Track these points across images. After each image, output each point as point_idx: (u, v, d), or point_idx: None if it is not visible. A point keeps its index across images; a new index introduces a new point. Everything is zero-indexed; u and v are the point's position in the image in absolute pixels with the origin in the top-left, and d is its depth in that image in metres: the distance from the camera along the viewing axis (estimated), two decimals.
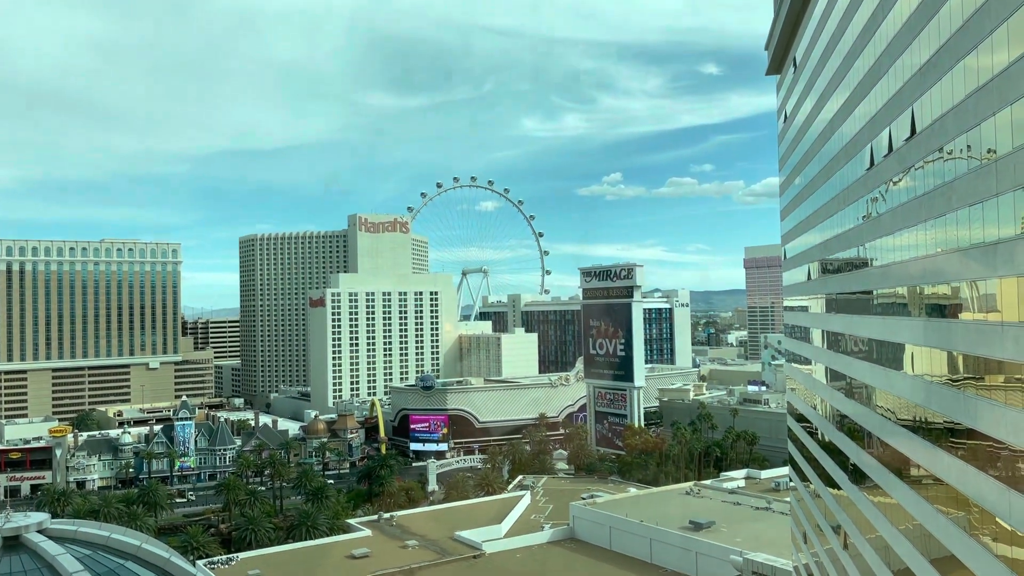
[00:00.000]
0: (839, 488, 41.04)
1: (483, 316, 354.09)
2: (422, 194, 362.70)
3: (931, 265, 25.87)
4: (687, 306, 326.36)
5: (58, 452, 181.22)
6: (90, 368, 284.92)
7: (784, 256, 60.78)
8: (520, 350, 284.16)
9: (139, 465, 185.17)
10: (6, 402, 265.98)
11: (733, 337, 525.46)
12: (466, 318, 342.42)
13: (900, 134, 29.08)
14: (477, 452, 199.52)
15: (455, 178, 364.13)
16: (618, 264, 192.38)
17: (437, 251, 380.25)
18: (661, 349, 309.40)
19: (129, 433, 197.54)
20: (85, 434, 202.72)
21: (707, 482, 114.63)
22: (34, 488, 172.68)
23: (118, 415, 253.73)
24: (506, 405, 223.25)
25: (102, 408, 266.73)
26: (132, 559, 57.84)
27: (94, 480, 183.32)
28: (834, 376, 43.28)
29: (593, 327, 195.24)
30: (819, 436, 47.34)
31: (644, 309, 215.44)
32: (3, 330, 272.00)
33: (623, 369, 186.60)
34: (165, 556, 60.45)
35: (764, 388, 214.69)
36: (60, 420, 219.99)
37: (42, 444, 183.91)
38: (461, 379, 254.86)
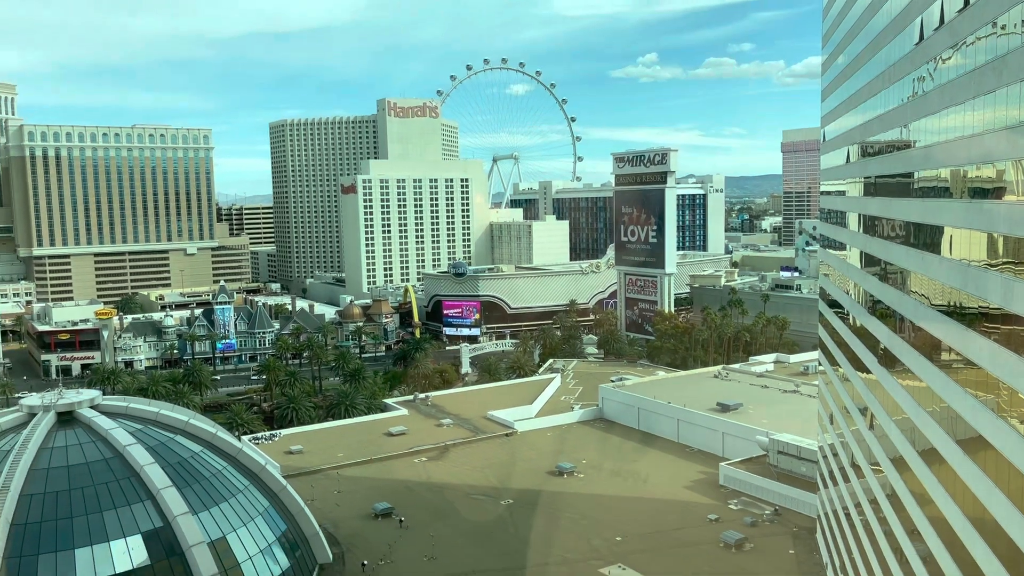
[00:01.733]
0: (868, 372, 41.34)
1: (514, 203, 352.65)
2: (451, 77, 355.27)
3: (977, 145, 25.03)
4: (721, 192, 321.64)
5: (105, 333, 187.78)
6: (130, 253, 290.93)
7: (823, 139, 59.14)
8: (551, 237, 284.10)
9: (182, 346, 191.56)
10: (52, 286, 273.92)
11: (767, 223, 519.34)
12: (497, 205, 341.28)
13: (953, 6, 27.58)
14: (508, 337, 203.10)
15: (485, 60, 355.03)
16: (652, 149, 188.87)
17: (467, 137, 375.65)
18: (693, 235, 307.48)
19: (171, 316, 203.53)
20: (130, 317, 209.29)
21: (735, 366, 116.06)
22: (84, 367, 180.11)
23: (160, 299, 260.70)
24: (537, 291, 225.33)
25: (144, 292, 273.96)
26: (181, 433, 60.76)
27: (141, 360, 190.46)
28: (869, 261, 42.84)
29: (625, 214, 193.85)
30: (851, 320, 47.34)
31: (677, 195, 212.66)
32: (45, 216, 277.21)
33: (654, 256, 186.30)
34: (212, 431, 63.37)
35: (797, 274, 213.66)
36: (105, 303, 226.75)
37: (89, 326, 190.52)
38: (492, 266, 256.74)
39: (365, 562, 61.08)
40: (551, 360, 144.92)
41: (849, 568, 46.45)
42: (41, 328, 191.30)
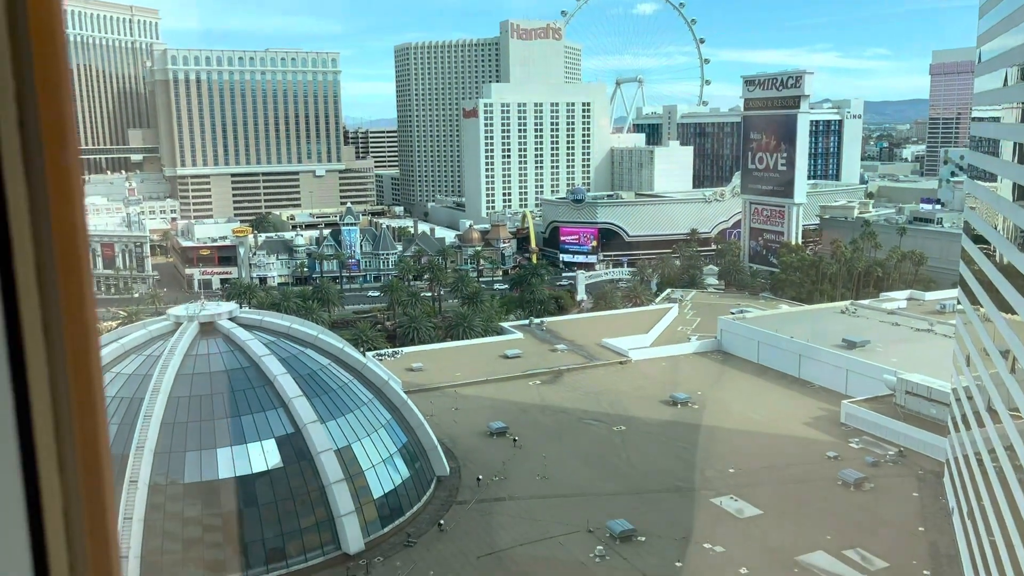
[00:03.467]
0: (1014, 312, 38.65)
1: (637, 128, 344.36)
2: None
3: None
4: (859, 118, 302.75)
5: (241, 251, 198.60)
6: (264, 174, 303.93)
7: (979, 59, 54.28)
8: (674, 164, 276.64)
9: (311, 265, 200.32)
10: (194, 204, 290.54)
11: (908, 152, 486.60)
12: (619, 130, 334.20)
13: None
14: (626, 265, 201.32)
15: None
16: (785, 72, 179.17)
17: (590, 59, 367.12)
18: (826, 164, 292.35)
19: (302, 235, 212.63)
20: (263, 235, 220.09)
21: (865, 302, 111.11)
22: (223, 282, 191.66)
23: (291, 219, 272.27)
24: (657, 219, 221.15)
25: (276, 212, 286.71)
26: (311, 347, 64.12)
27: (274, 277, 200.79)
28: (1022, 193, 39.57)
29: (753, 140, 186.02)
30: (997, 258, 44.16)
31: (811, 121, 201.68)
32: (187, 137, 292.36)
33: (783, 184, 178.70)
34: (339, 346, 66.55)
35: (939, 207, 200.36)
36: (241, 222, 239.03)
37: (227, 243, 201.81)
38: (612, 193, 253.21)
39: (480, 477, 63.36)
40: (669, 290, 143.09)
41: (978, 515, 44.54)
42: (185, 244, 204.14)
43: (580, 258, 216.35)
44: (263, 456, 53.78)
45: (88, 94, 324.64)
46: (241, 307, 75.99)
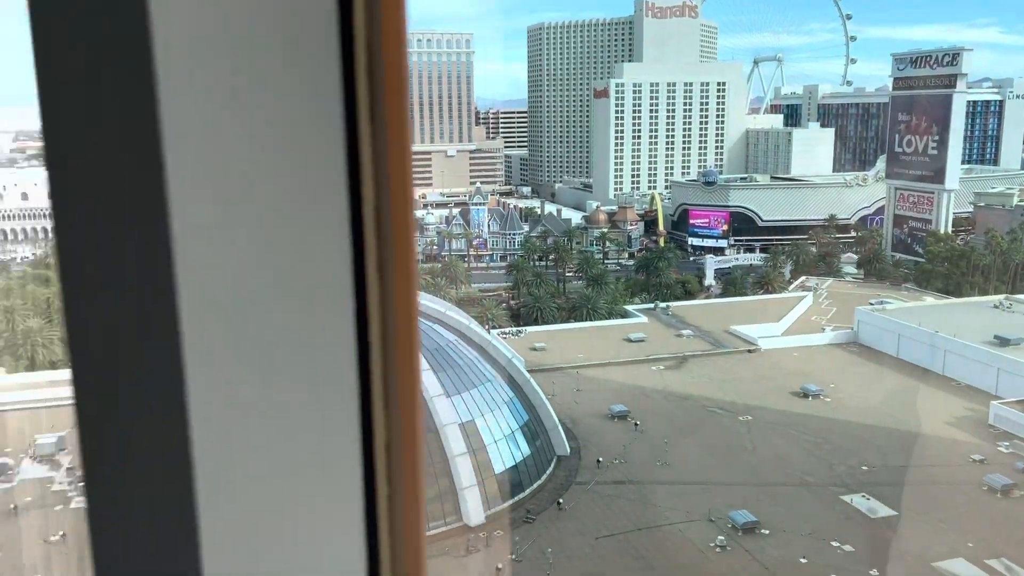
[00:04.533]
0: None
1: (774, 109, 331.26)
2: None
3: None
4: (1023, 98, 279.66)
5: None
6: None
7: None
8: (813, 146, 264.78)
9: (441, 243, 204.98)
10: None
11: None
12: (755, 111, 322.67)
13: None
14: (758, 251, 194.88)
15: None
16: (940, 49, 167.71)
17: (727, 37, 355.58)
18: (983, 148, 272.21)
19: (432, 214, 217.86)
20: None
21: (1022, 296, 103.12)
22: None
23: (422, 197, 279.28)
24: (793, 204, 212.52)
25: None
26: (438, 323, 65.73)
27: None
28: None
29: (902, 122, 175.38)
30: None
31: (967, 101, 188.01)
32: None
33: (932, 169, 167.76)
34: (465, 323, 67.93)
35: None
36: None
37: None
38: (745, 175, 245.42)
39: (600, 459, 63.31)
40: (803, 278, 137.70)
41: None
42: None
43: (709, 242, 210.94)
44: None
45: None
46: None
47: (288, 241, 0.95)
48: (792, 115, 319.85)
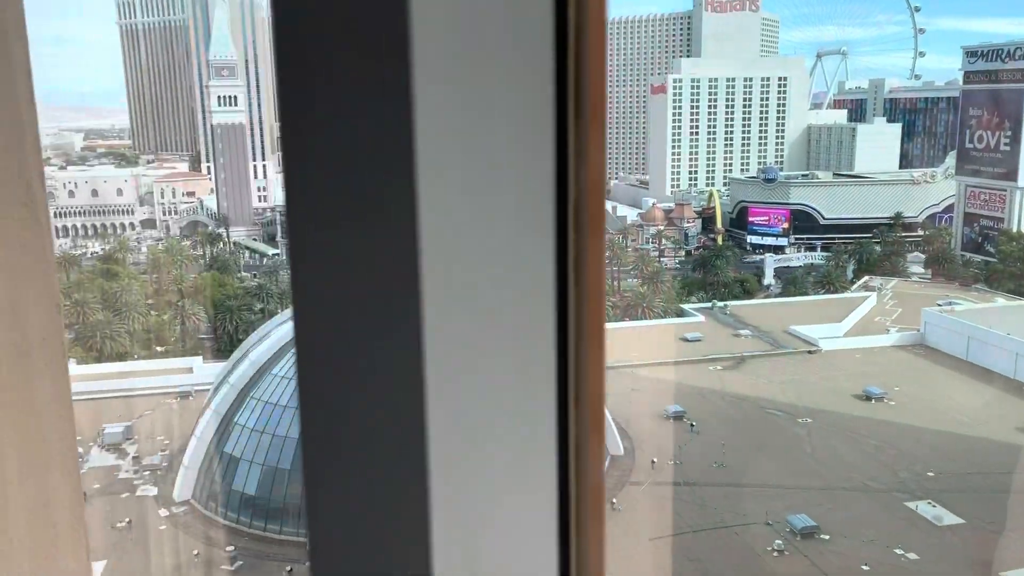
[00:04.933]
0: None
1: (837, 104, 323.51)
2: None
3: None
4: None
5: None
6: None
7: None
8: (878, 142, 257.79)
9: None
10: None
11: None
12: (817, 106, 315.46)
13: None
14: (819, 249, 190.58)
15: None
16: (1013, 42, 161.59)
17: (789, 31, 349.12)
18: None
19: None
20: None
21: None
22: None
23: None
24: (857, 201, 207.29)
25: None
26: None
27: None
28: None
29: (973, 117, 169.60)
30: None
31: None
32: None
33: (1005, 166, 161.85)
34: None
35: None
36: None
37: None
38: (807, 172, 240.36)
39: (655, 459, 62.59)
40: (867, 277, 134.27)
41: None
42: None
43: (769, 240, 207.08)
44: None
45: None
46: None
47: (506, 241, 0.96)
48: (857, 110, 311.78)
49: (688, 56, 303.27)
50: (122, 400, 69.19)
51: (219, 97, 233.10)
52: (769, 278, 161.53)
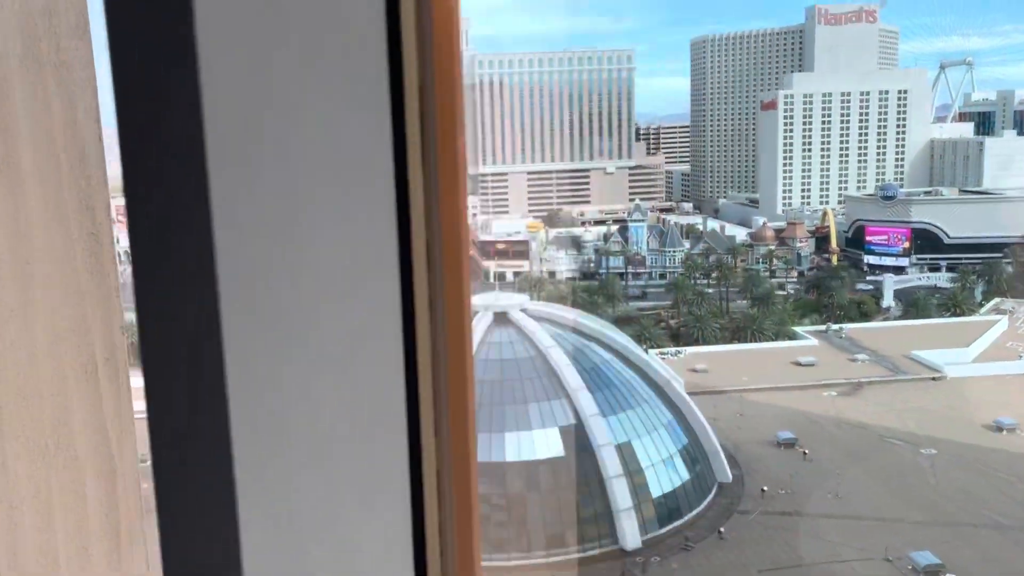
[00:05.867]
0: None
1: (963, 117, 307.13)
2: None
3: None
4: None
5: (533, 245, 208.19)
6: (556, 172, 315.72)
7: None
8: (1009, 156, 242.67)
9: (598, 260, 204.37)
10: (493, 200, 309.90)
11: None
12: (941, 119, 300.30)
13: None
14: (944, 270, 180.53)
15: None
16: None
17: (909, 42, 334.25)
18: None
19: (589, 231, 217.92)
20: (554, 231, 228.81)
21: None
22: (515, 274, 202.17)
23: (580, 215, 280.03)
24: (985, 219, 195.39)
25: (566, 208, 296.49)
26: (595, 341, 65.15)
27: (562, 271, 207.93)
28: None
29: None
30: None
31: None
32: (489, 137, 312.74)
33: None
34: (622, 342, 66.94)
35: None
36: (534, 218, 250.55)
37: (520, 238, 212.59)
38: (929, 189, 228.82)
39: (765, 488, 60.25)
40: (997, 300, 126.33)
41: None
42: (483, 238, 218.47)
43: (888, 260, 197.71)
44: (547, 444, 55.61)
45: None
46: (531, 299, 79.32)
47: (333, 244, 0.94)
48: (984, 123, 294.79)
49: (800, 71, 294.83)
50: None
51: None
52: (888, 300, 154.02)
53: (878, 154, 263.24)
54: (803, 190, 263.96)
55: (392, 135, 0.98)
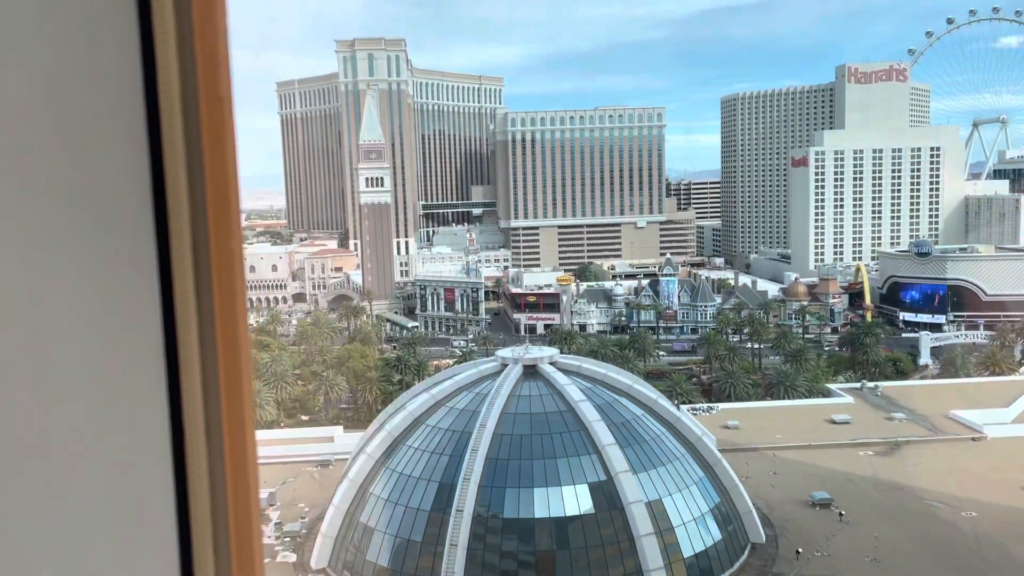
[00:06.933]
0: None
1: (997, 174, 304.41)
2: (927, 33, 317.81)
3: None
4: None
5: (564, 298, 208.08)
6: (587, 226, 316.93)
7: None
8: None
9: (629, 314, 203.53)
10: (524, 254, 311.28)
11: None
12: (976, 176, 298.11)
13: None
14: (982, 328, 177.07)
15: (971, 11, 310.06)
16: None
17: (941, 100, 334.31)
18: None
19: (621, 285, 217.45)
20: (585, 284, 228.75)
21: None
22: (546, 327, 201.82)
23: (611, 268, 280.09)
24: (1023, 277, 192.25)
25: (597, 262, 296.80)
26: (625, 395, 64.64)
27: (593, 324, 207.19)
28: None
29: None
30: None
31: None
32: (521, 192, 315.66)
33: None
34: (653, 397, 66.32)
35: None
36: (564, 271, 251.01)
37: (551, 291, 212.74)
38: (965, 246, 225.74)
39: (800, 550, 58.74)
40: None
41: None
42: (514, 290, 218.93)
43: (924, 317, 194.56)
44: (576, 500, 54.90)
45: (439, 155, 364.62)
46: (561, 352, 79.10)
47: (93, 291, 0.89)
48: (1019, 180, 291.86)
49: (831, 128, 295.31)
50: (268, 467, 72.25)
51: (367, 179, 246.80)
52: (926, 358, 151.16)
53: (911, 211, 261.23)
54: (835, 246, 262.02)
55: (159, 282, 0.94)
